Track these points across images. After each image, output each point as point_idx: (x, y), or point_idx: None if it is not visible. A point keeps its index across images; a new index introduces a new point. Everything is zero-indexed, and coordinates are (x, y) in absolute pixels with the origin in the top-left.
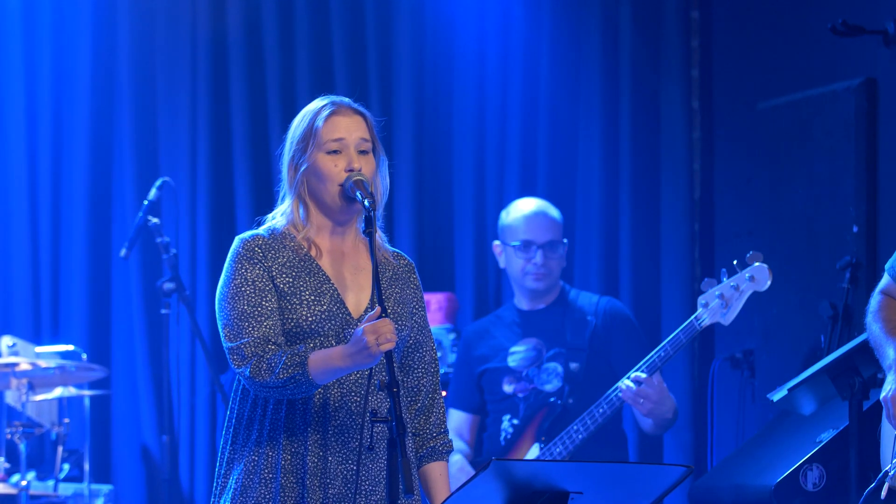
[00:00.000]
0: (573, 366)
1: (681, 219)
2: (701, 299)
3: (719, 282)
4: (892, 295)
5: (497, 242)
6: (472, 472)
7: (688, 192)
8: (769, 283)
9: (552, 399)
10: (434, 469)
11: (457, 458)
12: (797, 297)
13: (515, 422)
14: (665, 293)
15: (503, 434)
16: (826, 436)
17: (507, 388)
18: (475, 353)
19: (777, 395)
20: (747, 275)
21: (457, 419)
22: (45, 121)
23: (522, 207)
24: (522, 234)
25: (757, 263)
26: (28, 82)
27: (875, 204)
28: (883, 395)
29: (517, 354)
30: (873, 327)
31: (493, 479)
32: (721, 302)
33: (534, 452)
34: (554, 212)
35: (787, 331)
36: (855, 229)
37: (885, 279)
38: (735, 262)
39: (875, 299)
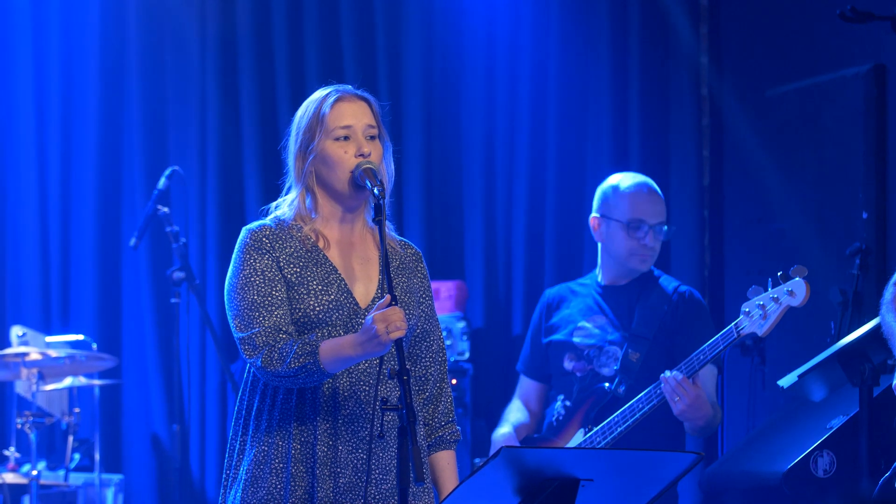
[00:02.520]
0: (632, 354)
1: (690, 205)
2: (744, 306)
3: (765, 290)
4: None
5: (596, 215)
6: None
7: (697, 178)
8: (806, 298)
9: (604, 384)
10: (442, 458)
11: (505, 430)
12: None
13: (568, 404)
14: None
15: (555, 415)
16: (836, 422)
17: (568, 364)
18: (547, 322)
19: (787, 382)
20: (787, 289)
21: (526, 387)
22: (55, 111)
23: (634, 182)
24: (635, 213)
25: (798, 278)
26: (37, 72)
27: (884, 189)
28: (895, 383)
29: (583, 331)
30: (887, 317)
31: (503, 468)
32: (761, 312)
33: (578, 439)
34: (660, 192)
35: (798, 317)
36: (865, 215)
37: None
38: (780, 273)
39: (889, 290)
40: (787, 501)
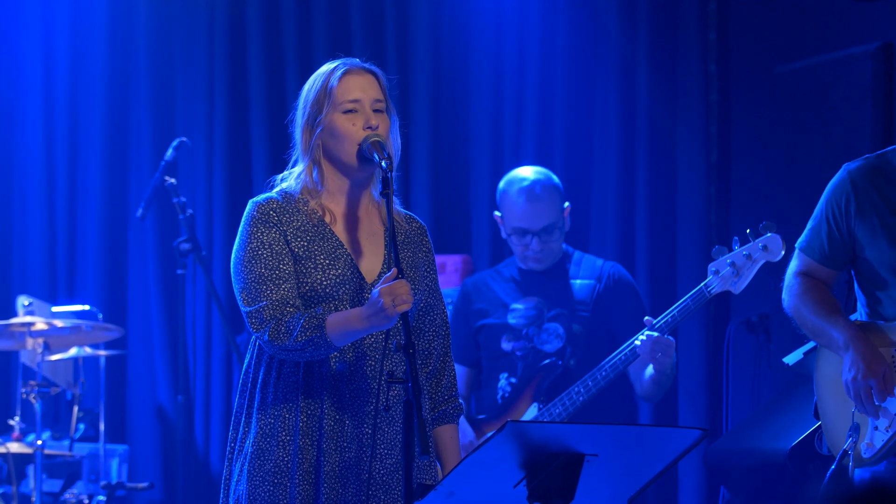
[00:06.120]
0: (575, 327)
1: (697, 182)
2: (712, 266)
3: (731, 250)
4: (814, 275)
5: (498, 214)
6: (469, 431)
7: (704, 155)
8: (783, 253)
9: (552, 359)
10: (445, 432)
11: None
12: None
13: (513, 381)
14: (681, 256)
15: (500, 393)
16: None
17: (506, 345)
18: (474, 307)
19: (793, 359)
20: (760, 244)
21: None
22: (62, 81)
23: (519, 187)
24: (517, 221)
25: (770, 233)
26: (45, 43)
27: None
28: (849, 377)
29: (517, 312)
30: (802, 312)
31: (508, 442)
32: (732, 270)
33: (532, 413)
34: (551, 191)
35: None
36: None
37: (801, 259)
38: (748, 230)
39: (794, 282)
40: (792, 478)
